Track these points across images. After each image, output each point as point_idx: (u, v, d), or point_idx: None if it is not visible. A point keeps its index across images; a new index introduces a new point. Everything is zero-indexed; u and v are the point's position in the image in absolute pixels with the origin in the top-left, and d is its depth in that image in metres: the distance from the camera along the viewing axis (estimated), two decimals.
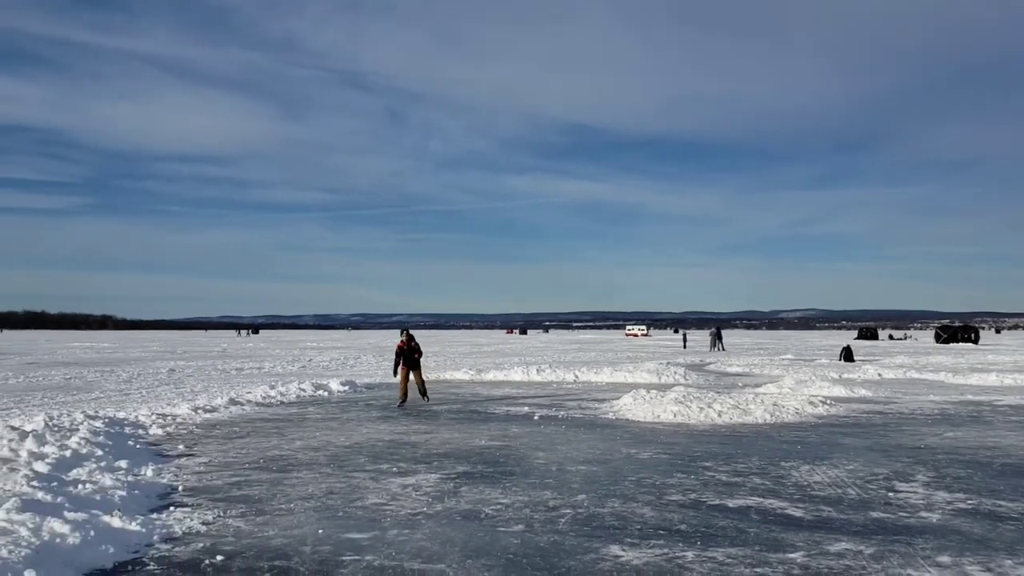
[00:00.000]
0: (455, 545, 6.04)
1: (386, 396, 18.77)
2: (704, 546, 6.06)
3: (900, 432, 12.57)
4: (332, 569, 5.47)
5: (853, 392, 19.51)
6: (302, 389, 18.87)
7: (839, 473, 9.01)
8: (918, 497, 7.77)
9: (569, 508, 7.31)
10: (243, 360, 38.63)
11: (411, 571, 5.41)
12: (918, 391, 20.80)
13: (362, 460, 9.84)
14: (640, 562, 5.65)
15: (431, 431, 12.53)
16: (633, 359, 38.53)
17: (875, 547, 6.00)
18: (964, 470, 9.22)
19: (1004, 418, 14.54)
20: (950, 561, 5.65)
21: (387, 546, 6.02)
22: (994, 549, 5.96)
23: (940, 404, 17.22)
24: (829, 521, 6.83)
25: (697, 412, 14.25)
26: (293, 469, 9.26)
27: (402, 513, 7.08)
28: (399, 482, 8.46)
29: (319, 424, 13.40)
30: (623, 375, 24.56)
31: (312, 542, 6.15)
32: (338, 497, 7.74)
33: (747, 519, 6.92)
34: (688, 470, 9.22)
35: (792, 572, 5.41)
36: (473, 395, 19.23)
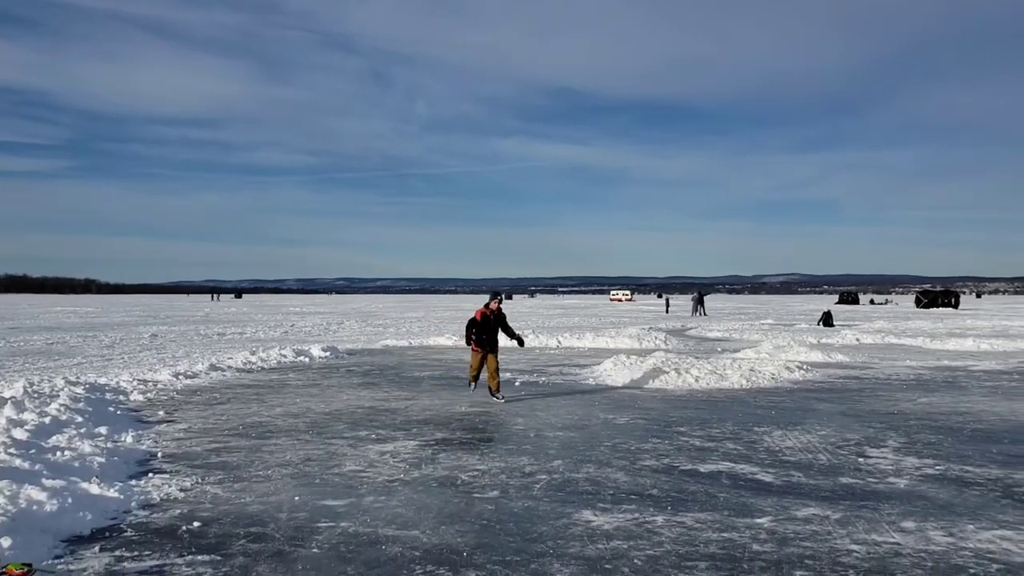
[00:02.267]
0: (430, 511, 6.13)
1: (368, 362, 18.83)
2: (674, 511, 6.17)
3: (874, 397, 12.75)
4: (307, 536, 5.55)
5: (830, 357, 19.72)
6: (283, 355, 18.90)
7: (811, 439, 9.15)
8: (887, 463, 7.92)
9: (544, 474, 7.41)
10: (225, 325, 38.58)
11: (385, 537, 5.50)
12: (895, 356, 21.05)
13: (341, 427, 9.92)
14: (611, 527, 5.76)
15: (412, 398, 12.61)
16: (616, 324, 38.73)
17: (842, 512, 6.13)
18: (935, 436, 9.38)
19: (979, 383, 14.76)
20: (914, 527, 5.78)
21: (362, 513, 6.10)
22: (958, 515, 6.10)
23: (916, 369, 17.45)
24: (798, 486, 6.96)
25: (675, 377, 14.39)
26: (272, 436, 9.32)
27: (379, 480, 7.16)
28: (377, 449, 8.54)
29: (299, 390, 13.46)
30: (605, 340, 24.71)
31: (288, 509, 6.23)
32: (316, 464, 7.81)
33: (718, 484, 7.04)
34: (663, 435, 9.34)
35: (759, 537, 5.52)
36: (456, 360, 19.31)
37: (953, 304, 74.83)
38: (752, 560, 5.05)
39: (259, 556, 5.14)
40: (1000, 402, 12.21)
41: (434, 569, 4.89)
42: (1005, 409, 11.46)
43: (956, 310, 69.39)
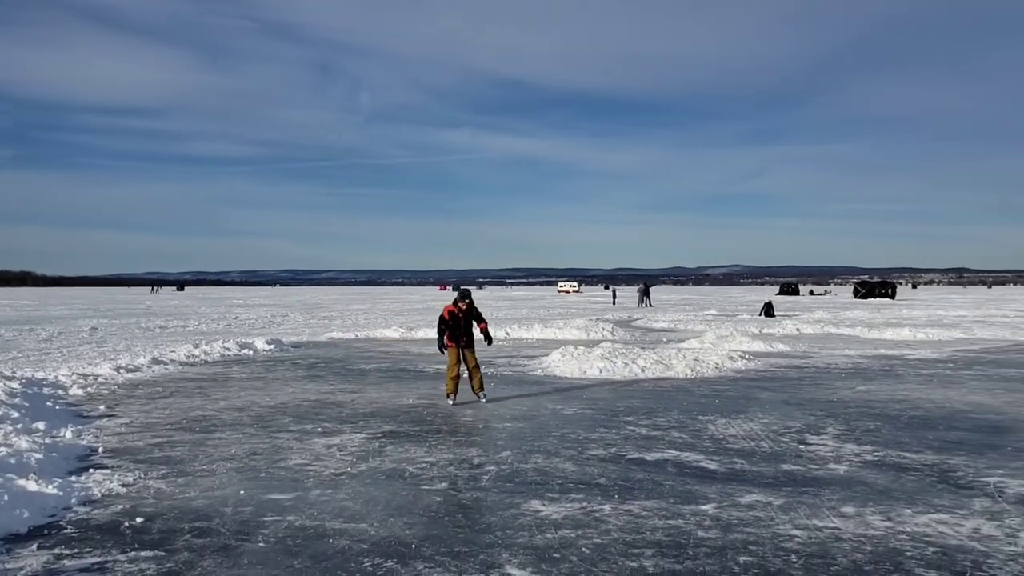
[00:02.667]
0: (378, 504, 6.11)
1: (313, 355, 18.65)
2: (621, 499, 6.23)
3: (815, 386, 13.03)
4: (253, 530, 5.48)
5: (772, 347, 20.09)
6: (227, 348, 18.62)
7: (754, 426, 9.32)
8: (828, 450, 8.10)
9: (493, 465, 7.43)
10: (167, 318, 37.87)
11: (332, 531, 5.46)
12: (834, 345, 21.52)
13: (286, 420, 9.81)
14: (559, 516, 5.80)
15: (358, 390, 12.53)
16: (564, 316, 38.92)
17: (784, 499, 6.26)
18: (873, 423, 9.62)
19: (914, 372, 15.16)
20: (854, 512, 5.92)
21: (309, 506, 6.05)
22: (895, 499, 6.26)
23: (854, 358, 17.86)
24: (742, 473, 7.09)
25: (622, 367, 14.53)
26: (216, 430, 9.18)
27: (325, 473, 7.11)
28: (323, 442, 8.47)
29: (244, 384, 13.28)
30: (553, 332, 24.83)
31: (233, 503, 6.15)
32: (261, 458, 7.72)
33: (664, 472, 7.13)
34: (610, 425, 9.43)
35: (704, 524, 5.61)
36: (403, 353, 19.24)
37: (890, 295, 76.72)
38: (697, 546, 5.13)
39: (204, 551, 5.07)
40: (935, 390, 12.57)
41: (382, 561, 4.87)
42: (940, 396, 11.79)
43: (893, 300, 71.13)
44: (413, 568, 4.76)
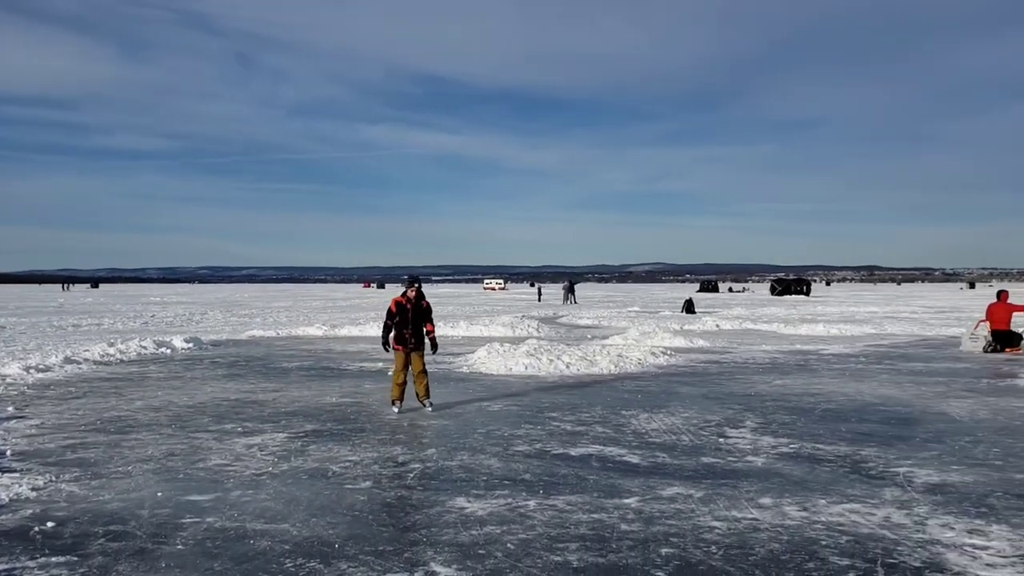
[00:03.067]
0: (300, 504, 6.02)
1: (233, 354, 18.28)
2: (546, 495, 6.28)
3: (733, 380, 13.33)
4: (171, 532, 5.35)
5: (692, 343, 20.48)
6: (143, 347, 18.10)
7: (675, 421, 9.49)
8: (746, 442, 8.30)
9: (418, 463, 7.40)
10: (80, 316, 36.62)
11: (253, 532, 5.36)
12: (752, 341, 22.06)
13: (206, 420, 9.60)
14: (484, 512, 5.80)
15: (280, 389, 12.33)
16: (490, 313, 38.97)
17: (704, 491, 6.39)
18: (789, 416, 9.89)
19: (828, 366, 15.64)
20: (771, 502, 6.08)
21: (229, 507, 5.93)
22: (811, 490, 6.45)
23: (771, 353, 18.34)
24: (664, 467, 7.21)
25: (547, 364, 14.63)
26: (132, 430, 8.93)
27: (246, 474, 6.97)
28: (244, 442, 8.31)
29: (161, 383, 12.93)
30: (479, 329, 24.83)
31: (150, 505, 5.99)
32: (179, 459, 7.53)
33: (588, 467, 7.21)
34: (535, 421, 9.48)
35: (627, 517, 5.69)
36: (326, 351, 19.00)
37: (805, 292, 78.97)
38: (620, 540, 5.20)
39: (119, 555, 4.92)
40: (848, 383, 12.98)
41: (305, 562, 4.81)
42: (852, 390, 12.19)
43: (808, 297, 73.22)
44: (336, 568, 4.71)
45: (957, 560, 4.82)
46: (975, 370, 14.96)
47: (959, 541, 5.16)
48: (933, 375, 14.08)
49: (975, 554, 4.92)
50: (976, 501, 6.08)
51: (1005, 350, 18.26)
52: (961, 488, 6.47)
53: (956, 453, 7.77)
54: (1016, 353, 18.10)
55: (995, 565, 4.74)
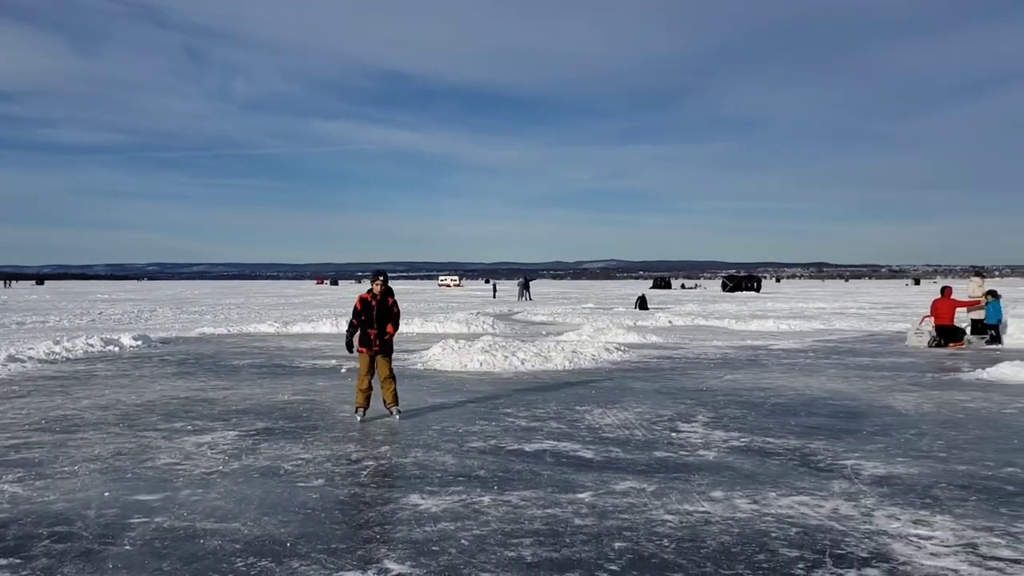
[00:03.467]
0: (251, 503, 5.94)
1: (183, 351, 18.00)
2: (500, 490, 6.28)
3: (685, 376, 13.47)
4: (118, 532, 5.25)
5: (645, 339, 20.65)
6: (90, 344, 17.73)
7: (628, 416, 9.56)
8: (697, 436, 8.39)
9: (372, 460, 7.36)
10: (25, 314, 35.75)
11: (203, 531, 5.29)
12: (704, 337, 22.31)
13: (155, 419, 9.43)
14: (439, 509, 5.79)
15: (231, 387, 12.16)
16: (444, 309, 38.86)
17: (657, 484, 6.44)
18: (740, 410, 10.02)
19: (777, 361, 15.88)
20: (722, 495, 6.15)
21: (179, 507, 5.83)
22: (761, 483, 6.54)
23: (723, 349, 18.56)
24: (617, 461, 7.26)
25: (502, 360, 14.63)
26: (79, 429, 8.74)
27: (196, 473, 6.87)
28: (194, 440, 8.18)
29: (108, 381, 12.68)
30: (434, 325, 24.76)
31: (97, 505, 5.87)
32: (127, 458, 7.39)
33: (542, 462, 7.23)
34: (490, 417, 9.48)
35: (581, 512, 5.72)
36: (278, 348, 18.80)
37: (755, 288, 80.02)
38: (574, 534, 5.22)
39: (65, 556, 4.81)
40: (797, 378, 13.19)
41: (256, 561, 4.75)
42: (801, 384, 12.39)
43: (758, 293, 74.23)
44: (288, 567, 4.66)
45: (903, 550, 4.92)
46: (920, 364, 15.30)
47: (905, 532, 5.27)
48: (879, 370, 14.37)
49: (920, 544, 5.03)
50: (921, 492, 6.22)
51: (949, 345, 18.71)
52: (907, 480, 6.61)
53: (902, 446, 7.94)
54: (959, 348, 18.55)
55: (939, 554, 4.85)
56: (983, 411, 9.93)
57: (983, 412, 9.85)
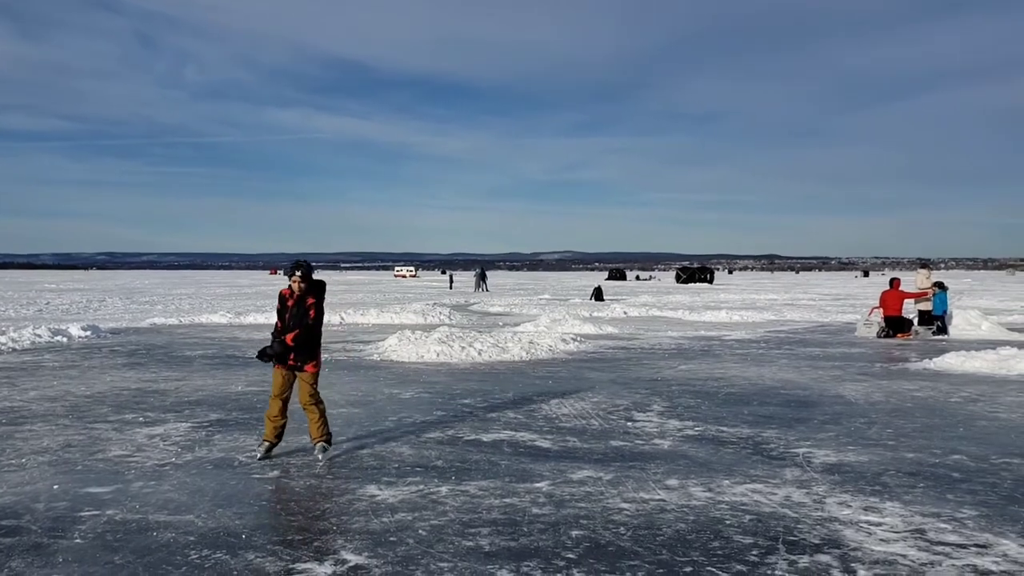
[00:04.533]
0: (205, 495, 5.87)
1: (134, 342, 17.69)
2: (458, 480, 6.28)
3: (640, 366, 13.58)
4: (68, 526, 5.15)
5: (601, 329, 20.77)
6: (37, 335, 17.34)
7: (585, 405, 9.61)
8: (653, 426, 8.47)
9: None
10: None
11: (156, 524, 5.21)
12: (658, 328, 22.51)
13: (105, 410, 9.26)
14: (396, 500, 5.77)
15: (183, 378, 11.98)
16: (401, 300, 38.69)
17: (613, 473, 6.49)
18: (694, 400, 10.13)
19: (731, 351, 16.08)
20: (677, 484, 6.22)
21: (131, 499, 5.74)
22: (715, 471, 6.63)
23: (677, 339, 18.75)
24: (574, 451, 7.30)
25: (459, 351, 14.62)
26: (26, 421, 8.55)
27: (148, 464, 6.76)
28: (146, 432, 8.05)
29: (57, 372, 12.42)
30: (390, 316, 24.64)
31: (46, 499, 5.75)
32: (77, 450, 7.25)
33: (500, 452, 7.24)
34: (447, 407, 9.47)
35: (538, 501, 5.74)
36: (231, 339, 18.57)
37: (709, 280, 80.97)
38: (532, 523, 5.24)
39: (13, 551, 4.71)
40: (749, 368, 13.38)
41: (211, 553, 4.69)
42: (754, 374, 12.57)
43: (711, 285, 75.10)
44: (244, 559, 4.62)
45: (854, 536, 5.02)
46: (869, 355, 15.61)
47: (855, 518, 5.38)
48: (830, 359, 14.63)
49: (870, 530, 5.14)
50: (871, 480, 6.35)
51: (897, 335, 19.10)
52: (857, 467, 6.74)
53: (852, 434, 8.09)
54: (907, 338, 18.95)
55: (888, 540, 4.95)
56: (930, 400, 10.16)
57: (930, 401, 10.09)
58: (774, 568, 4.49)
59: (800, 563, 4.57)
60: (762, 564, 4.55)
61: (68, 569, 4.45)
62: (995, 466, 6.79)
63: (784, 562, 4.58)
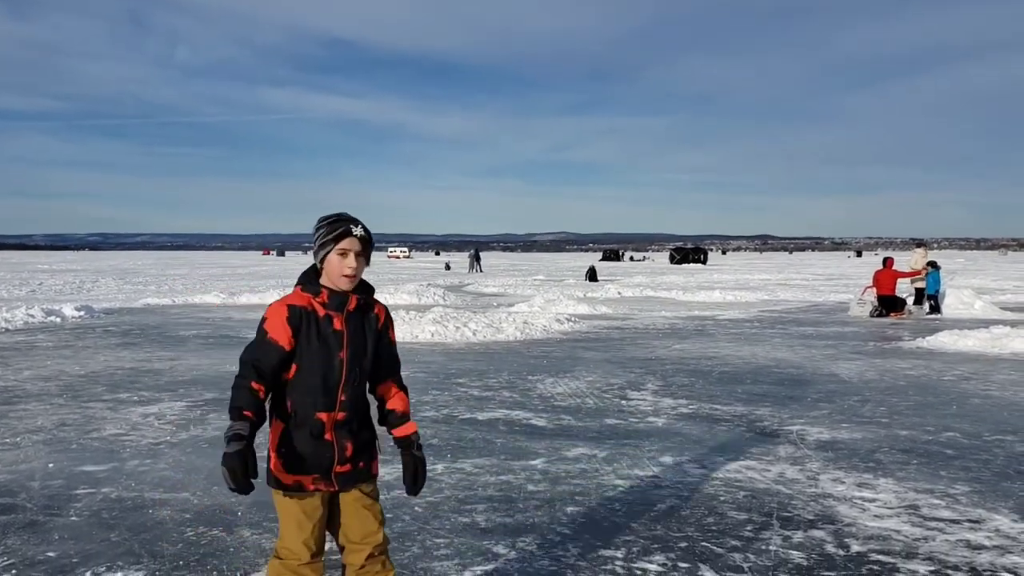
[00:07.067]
0: (200, 473, 5.87)
1: (128, 322, 17.65)
2: (454, 458, 6.29)
3: (635, 345, 13.61)
4: (63, 504, 5.15)
5: (595, 310, 20.80)
6: (31, 315, 17.28)
7: (579, 384, 9.63)
8: (647, 404, 8.49)
9: None
10: None
11: (152, 501, 5.21)
12: (652, 308, 22.54)
13: (99, 389, 9.25)
14: (391, 477, 5.76)
15: (177, 358, 11.97)
16: (395, 281, 38.65)
17: (608, 451, 6.52)
18: (688, 378, 10.16)
19: (724, 331, 16.12)
20: (672, 461, 6.25)
21: (126, 477, 5.74)
22: (709, 448, 6.66)
23: (671, 319, 18.78)
24: (568, 429, 7.32)
25: (453, 331, 14.62)
26: (20, 401, 8.54)
27: (143, 443, 6.76)
28: (140, 411, 8.05)
29: (51, 352, 12.39)
30: (383, 297, 24.58)
31: (41, 477, 5.75)
32: (72, 429, 7.25)
33: (495, 431, 7.26)
34: (443, 387, 9.48)
35: (533, 478, 5.76)
36: (224, 319, 18.53)
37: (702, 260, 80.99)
38: (527, 500, 5.26)
39: (8, 528, 4.71)
40: (743, 347, 13.41)
41: (207, 530, 4.70)
42: (747, 353, 12.60)
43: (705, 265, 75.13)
44: (239, 536, 4.62)
45: (847, 512, 5.05)
46: (862, 333, 15.66)
47: (849, 494, 5.41)
48: (823, 338, 14.67)
49: (864, 506, 5.17)
50: (864, 456, 6.39)
51: (890, 314, 19.16)
52: (850, 444, 6.78)
53: (845, 412, 8.13)
54: (900, 317, 19.01)
55: (882, 516, 4.98)
56: (923, 378, 10.20)
57: (923, 379, 10.13)
58: (768, 543, 4.52)
59: (794, 538, 4.59)
60: (757, 539, 4.58)
61: (64, 546, 4.46)
62: (988, 443, 6.83)
63: (778, 537, 4.61)
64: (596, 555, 4.36)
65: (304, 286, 2.98)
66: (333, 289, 2.94)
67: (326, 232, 2.92)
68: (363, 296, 3.02)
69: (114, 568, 4.16)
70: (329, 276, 2.94)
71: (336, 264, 2.91)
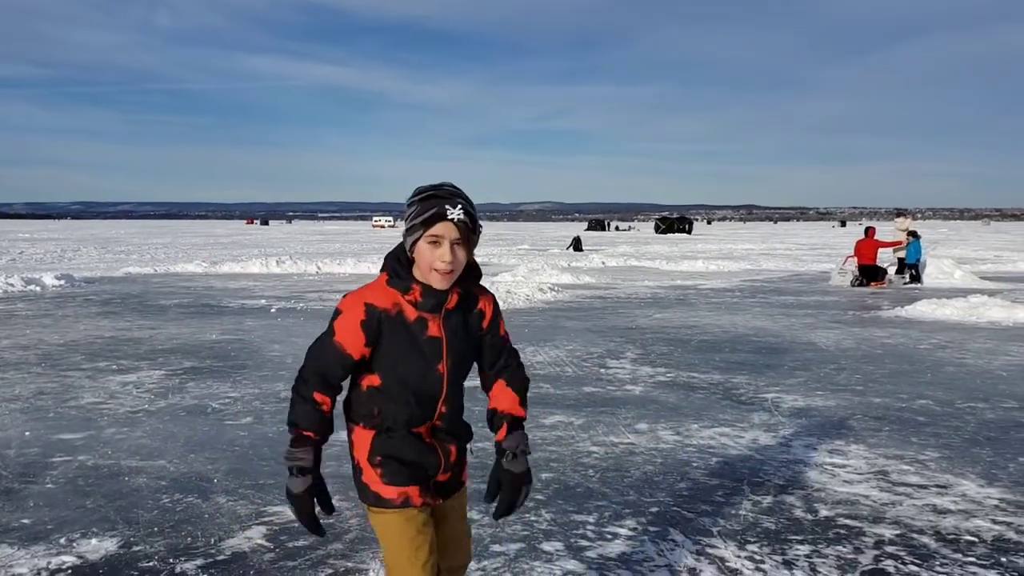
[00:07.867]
0: (178, 441, 5.88)
1: (108, 291, 17.56)
2: None
3: (616, 315, 13.66)
4: (39, 471, 5.15)
5: (579, 279, 20.85)
6: (10, 283, 17.17)
7: (559, 353, 9.68)
8: (625, 372, 8.55)
9: None
10: None
11: (128, 469, 5.22)
12: (636, 277, 22.62)
13: (78, 358, 9.22)
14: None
15: (157, 326, 11.93)
16: (379, 251, 38.57)
17: (584, 418, 6.57)
18: (667, 347, 10.22)
19: (705, 300, 16.20)
20: (647, 428, 6.31)
21: (103, 445, 5.75)
22: (684, 415, 6.72)
23: (653, 289, 18.85)
24: (547, 397, 7.36)
25: None
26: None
27: (121, 411, 6.76)
28: (119, 379, 8.03)
29: (29, 321, 12.33)
30: (367, 266, 24.59)
31: (17, 445, 5.74)
32: (49, 397, 7.23)
33: (474, 399, 7.22)
34: None
35: None
36: (206, 288, 18.46)
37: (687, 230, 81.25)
38: None
39: None
40: (723, 316, 13.49)
41: (182, 497, 4.72)
42: (727, 322, 12.68)
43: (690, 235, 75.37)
44: (215, 503, 4.65)
45: (817, 478, 5.12)
46: (842, 303, 15.78)
47: (820, 460, 5.49)
48: (803, 308, 14.77)
49: (834, 472, 5.24)
50: (837, 424, 6.47)
51: (871, 284, 19.31)
52: (824, 412, 6.86)
53: (821, 380, 8.21)
54: (881, 287, 19.16)
55: (852, 481, 5.06)
56: (900, 347, 10.31)
57: (900, 348, 10.23)
58: (738, 508, 4.58)
59: (764, 503, 4.66)
60: (727, 504, 4.64)
61: (39, 513, 4.47)
62: (959, 410, 6.92)
63: (748, 503, 4.67)
64: (568, 520, 4.42)
65: (391, 278, 2.39)
66: (428, 285, 2.37)
67: (416, 212, 2.34)
68: (465, 287, 2.43)
69: (88, 535, 4.18)
70: (420, 268, 2.37)
71: (427, 255, 2.33)
